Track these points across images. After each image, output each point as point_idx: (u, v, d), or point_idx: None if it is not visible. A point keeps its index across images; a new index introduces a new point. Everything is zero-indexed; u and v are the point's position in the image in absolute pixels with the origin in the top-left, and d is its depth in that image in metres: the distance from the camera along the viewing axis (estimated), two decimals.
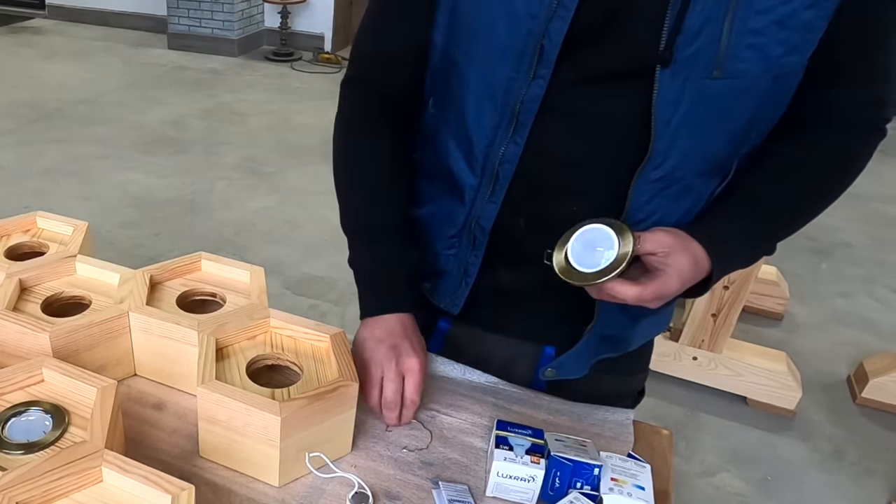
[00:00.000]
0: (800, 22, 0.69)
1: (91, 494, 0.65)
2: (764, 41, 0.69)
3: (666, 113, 0.72)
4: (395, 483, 0.79)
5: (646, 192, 0.77)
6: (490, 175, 0.82)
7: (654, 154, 0.75)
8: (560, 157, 0.79)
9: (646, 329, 0.94)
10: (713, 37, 0.68)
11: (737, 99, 0.73)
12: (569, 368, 0.92)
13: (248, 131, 4.30)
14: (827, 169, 0.82)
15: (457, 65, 0.81)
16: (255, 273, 0.97)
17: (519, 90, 0.76)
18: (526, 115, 0.77)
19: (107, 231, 3.10)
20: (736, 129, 0.76)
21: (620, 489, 0.74)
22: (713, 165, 0.79)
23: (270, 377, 0.83)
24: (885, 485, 2.06)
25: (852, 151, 0.82)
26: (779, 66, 0.71)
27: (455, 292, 0.92)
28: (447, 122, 0.86)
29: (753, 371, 2.27)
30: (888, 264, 3.25)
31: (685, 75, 0.71)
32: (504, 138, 0.79)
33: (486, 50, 0.77)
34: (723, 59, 0.69)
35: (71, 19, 6.62)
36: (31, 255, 1.00)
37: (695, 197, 0.80)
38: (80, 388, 0.76)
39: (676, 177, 0.77)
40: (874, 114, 0.80)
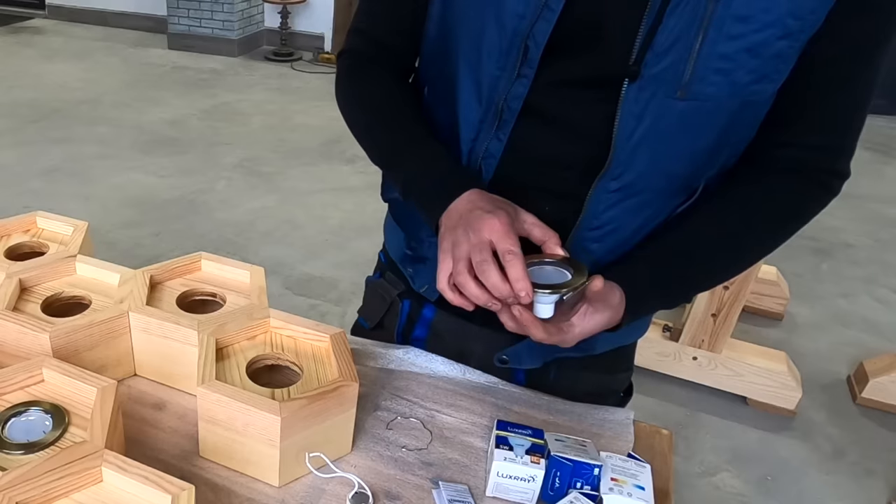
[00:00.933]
0: (772, 51, 0.68)
1: (91, 494, 0.65)
2: (732, 67, 0.68)
3: (628, 127, 0.73)
4: (395, 483, 0.79)
5: (603, 202, 0.78)
6: (474, 169, 0.83)
7: (612, 165, 0.75)
8: (536, 157, 0.81)
9: (612, 335, 0.90)
10: (681, 57, 0.68)
11: (701, 121, 0.73)
12: (522, 358, 0.92)
13: (248, 131, 4.30)
14: (769, 225, 0.81)
15: (448, 57, 0.82)
16: (255, 273, 0.97)
17: (504, 88, 0.77)
18: (509, 113, 0.78)
19: (107, 231, 3.10)
20: (699, 151, 0.76)
21: (620, 489, 0.74)
22: (675, 183, 0.79)
23: (270, 377, 0.83)
24: (885, 485, 2.06)
25: (798, 207, 0.81)
26: (747, 92, 0.71)
27: (434, 279, 0.90)
28: (438, 113, 0.87)
29: (753, 371, 2.27)
30: (889, 265, 3.25)
31: (651, 92, 0.71)
32: (488, 134, 0.81)
33: (475, 45, 0.78)
34: (689, 80, 0.69)
35: (71, 19, 6.62)
36: (31, 255, 1.00)
37: (653, 211, 0.80)
38: (80, 388, 0.76)
39: (635, 190, 0.77)
40: (829, 163, 0.79)
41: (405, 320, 1.02)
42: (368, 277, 1.09)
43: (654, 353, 2.36)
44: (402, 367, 0.97)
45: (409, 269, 0.97)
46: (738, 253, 0.82)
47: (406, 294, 1.00)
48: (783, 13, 0.66)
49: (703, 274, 0.83)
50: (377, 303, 1.05)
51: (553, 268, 0.75)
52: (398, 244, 0.99)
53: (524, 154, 0.81)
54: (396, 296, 1.01)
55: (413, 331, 1.02)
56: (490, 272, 0.69)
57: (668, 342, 2.34)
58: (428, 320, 1.01)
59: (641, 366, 2.40)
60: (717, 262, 0.82)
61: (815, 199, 0.81)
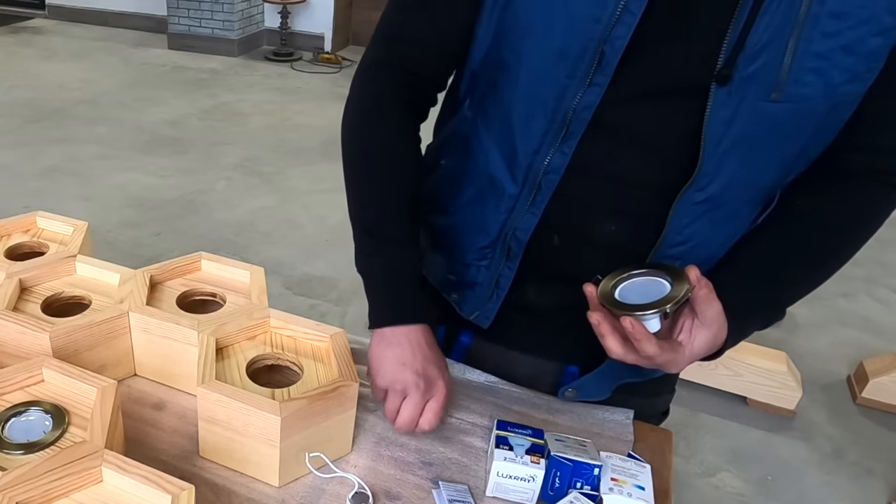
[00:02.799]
0: (866, 49, 0.65)
1: (91, 494, 0.65)
2: (827, 66, 0.65)
3: (717, 133, 0.70)
4: (395, 483, 0.79)
5: (687, 215, 0.75)
6: (532, 184, 0.79)
7: (700, 175, 0.72)
8: (603, 173, 0.76)
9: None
10: (776, 57, 0.65)
11: (792, 125, 0.70)
12: (589, 390, 0.90)
13: (248, 131, 4.30)
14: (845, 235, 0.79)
15: (504, 65, 0.77)
16: (255, 273, 0.97)
17: (572, 97, 0.72)
18: (577, 125, 0.74)
19: (107, 231, 3.10)
20: (788, 157, 0.73)
21: (620, 489, 0.74)
22: (760, 192, 0.76)
23: (270, 377, 0.83)
24: (885, 485, 2.06)
25: (871, 213, 0.78)
26: (839, 93, 0.68)
27: (485, 305, 0.89)
28: (489, 126, 0.81)
29: (753, 371, 2.27)
30: (889, 265, 3.25)
31: (742, 95, 0.68)
32: (551, 147, 0.76)
33: (540, 51, 0.73)
34: (783, 81, 0.66)
35: (71, 19, 6.62)
36: (31, 255, 1.00)
37: (738, 223, 0.78)
38: (80, 388, 0.76)
39: (721, 201, 0.74)
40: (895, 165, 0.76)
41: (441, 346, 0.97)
42: None
43: None
44: None
45: (453, 294, 0.93)
46: (821, 266, 0.80)
47: (442, 319, 0.97)
48: (880, 9, 0.63)
49: (791, 291, 0.80)
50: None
51: (646, 278, 0.71)
52: (438, 268, 0.93)
53: (591, 170, 0.76)
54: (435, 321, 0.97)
55: (448, 355, 0.98)
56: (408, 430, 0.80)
57: None
58: (465, 346, 0.99)
59: None
60: (803, 278, 0.80)
61: (887, 202, 0.78)
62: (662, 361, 0.70)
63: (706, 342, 0.71)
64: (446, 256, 0.91)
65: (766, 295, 0.78)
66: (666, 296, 0.69)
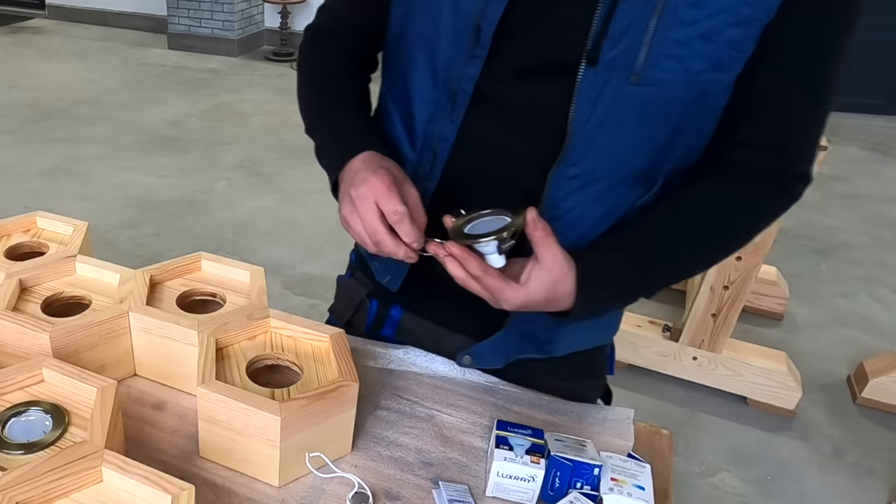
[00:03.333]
0: (725, 38, 0.68)
1: (91, 494, 0.65)
2: (686, 53, 0.69)
3: (584, 112, 0.73)
4: (395, 483, 0.79)
5: (562, 189, 0.78)
6: (429, 152, 0.83)
7: (570, 151, 0.75)
8: (489, 146, 0.81)
9: (575, 336, 0.92)
10: (636, 42, 0.69)
11: (656, 108, 0.73)
12: (485, 358, 0.92)
13: (248, 131, 4.30)
14: (725, 224, 0.80)
15: (406, 38, 0.84)
16: (255, 273, 0.97)
17: (457, 68, 0.78)
18: (462, 96, 0.79)
19: (107, 231, 3.10)
20: (656, 141, 0.75)
21: (620, 489, 0.74)
22: (632, 174, 0.78)
23: (270, 377, 0.83)
24: (885, 485, 2.06)
25: (757, 209, 0.80)
26: (701, 81, 0.70)
27: (396, 270, 0.92)
28: (394, 96, 0.87)
29: (753, 371, 2.27)
30: (888, 265, 3.25)
31: (607, 77, 0.71)
32: (442, 115, 0.81)
33: (431, 25, 0.79)
34: (643, 65, 0.70)
35: (71, 19, 6.62)
36: (31, 255, 1.00)
37: (612, 203, 0.79)
38: (80, 388, 0.76)
39: (594, 177, 0.77)
40: (787, 165, 0.77)
41: (373, 320, 1.03)
42: (339, 276, 1.10)
43: (654, 353, 2.36)
44: (402, 367, 0.97)
45: (375, 262, 0.97)
46: (694, 250, 0.80)
47: (374, 294, 1.01)
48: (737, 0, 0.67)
49: (657, 269, 0.80)
50: (346, 302, 1.06)
51: (494, 217, 0.75)
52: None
53: (478, 142, 0.81)
54: (365, 295, 1.02)
55: (381, 330, 1.02)
56: (383, 243, 0.76)
57: (668, 342, 2.34)
58: (395, 320, 1.01)
59: (641, 366, 2.40)
60: (672, 258, 0.80)
61: (774, 201, 0.80)
62: (490, 286, 0.72)
63: (543, 285, 0.72)
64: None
65: (628, 262, 0.77)
66: (498, 228, 0.73)
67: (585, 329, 0.90)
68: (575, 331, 0.90)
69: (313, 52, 0.94)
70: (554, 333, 0.90)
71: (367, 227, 0.76)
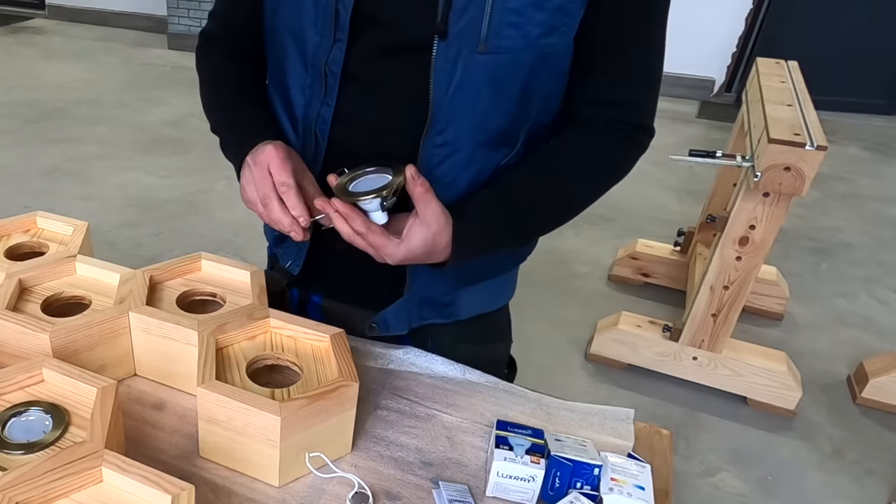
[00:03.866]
0: (554, 5, 0.75)
1: (91, 494, 0.65)
2: (522, 20, 0.75)
3: (443, 83, 0.79)
4: (395, 483, 0.79)
5: (433, 157, 0.83)
6: (310, 136, 0.89)
7: (434, 121, 0.81)
8: (364, 123, 0.86)
9: (473, 299, 0.98)
10: (478, 13, 0.75)
11: (505, 73, 0.79)
12: (389, 325, 0.96)
13: None
14: (582, 172, 0.87)
15: (277, 31, 0.88)
16: (255, 273, 0.97)
17: (324, 53, 0.83)
18: (333, 78, 0.84)
19: (107, 231, 3.10)
20: (510, 103, 0.81)
21: (620, 489, 0.74)
22: (493, 136, 0.83)
23: (270, 377, 0.83)
24: (885, 485, 2.06)
25: (608, 157, 0.88)
26: (540, 45, 0.78)
27: (297, 255, 0.97)
28: (274, 84, 0.93)
29: (753, 371, 2.27)
30: (888, 264, 3.25)
31: (458, 48, 0.77)
32: (318, 100, 0.86)
33: (296, 15, 0.84)
34: (486, 35, 0.76)
35: (71, 19, 6.62)
36: (31, 255, 1.00)
37: (479, 166, 0.85)
38: (80, 388, 0.76)
39: (458, 145, 0.83)
40: (629, 118, 0.86)
41: (297, 308, 1.06)
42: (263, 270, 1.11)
43: (654, 353, 2.36)
44: (402, 367, 0.97)
45: (278, 249, 1.01)
46: (558, 199, 0.88)
47: (293, 283, 1.04)
48: None
49: (527, 218, 0.86)
50: (269, 295, 1.06)
51: (377, 175, 0.79)
52: (269, 228, 1.02)
53: (353, 120, 0.86)
54: (286, 285, 1.05)
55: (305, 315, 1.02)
56: (271, 208, 0.81)
57: (668, 342, 2.34)
58: (318, 306, 1.05)
59: (641, 366, 2.40)
60: (540, 207, 0.87)
61: (623, 150, 0.88)
62: (374, 242, 0.77)
63: (423, 240, 0.77)
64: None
65: (497, 209, 0.84)
66: (381, 186, 0.77)
67: (483, 292, 0.98)
68: (473, 294, 0.97)
69: (207, 56, 1.01)
70: (453, 296, 0.95)
71: (259, 192, 0.81)
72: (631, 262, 2.91)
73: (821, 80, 3.18)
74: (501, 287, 1.03)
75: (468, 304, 0.98)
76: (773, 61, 2.60)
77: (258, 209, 0.83)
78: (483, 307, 1.01)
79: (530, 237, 0.92)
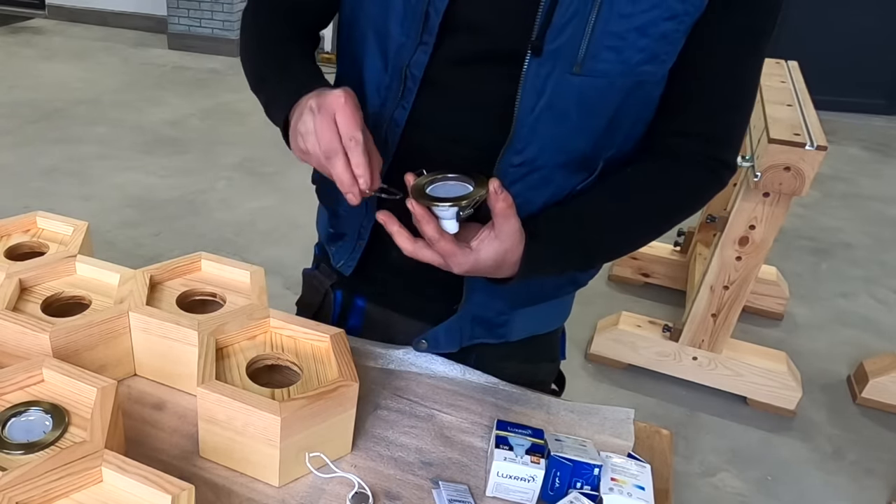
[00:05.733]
0: (659, 32, 0.72)
1: (91, 494, 0.65)
2: (623, 45, 0.72)
3: (530, 101, 0.75)
4: (395, 483, 0.79)
5: (507, 176, 0.79)
6: (380, 138, 0.84)
7: (515, 139, 0.78)
8: (440, 131, 0.82)
9: (528, 321, 0.96)
10: (577, 33, 0.72)
11: (596, 97, 0.76)
12: (440, 342, 0.94)
13: (248, 131, 4.30)
14: (659, 203, 0.84)
15: (358, 23, 0.84)
16: (255, 273, 0.97)
17: (407, 54, 0.79)
18: (412, 81, 0.80)
19: (107, 231, 3.10)
20: (597, 128, 0.78)
21: (620, 489, 0.74)
22: (574, 160, 0.80)
23: (270, 377, 0.83)
24: (885, 485, 2.06)
25: (687, 190, 0.85)
26: (638, 72, 0.74)
27: (350, 254, 0.95)
28: (348, 81, 0.86)
29: (753, 371, 2.27)
30: (888, 264, 3.25)
31: (551, 67, 0.74)
32: (394, 101, 0.82)
33: (382, 11, 0.80)
34: (584, 56, 0.72)
35: (71, 19, 6.62)
36: (31, 255, 1.00)
37: (555, 189, 0.82)
38: (80, 388, 0.76)
39: (537, 165, 0.79)
40: (714, 153, 0.82)
41: (339, 311, 1.04)
42: (305, 269, 1.11)
43: (654, 353, 2.36)
44: (402, 367, 0.97)
45: (332, 247, 0.98)
46: (633, 226, 0.85)
47: (338, 284, 1.02)
48: None
49: (599, 245, 0.84)
50: (312, 294, 1.07)
51: (456, 182, 0.76)
52: (324, 224, 1.01)
53: (428, 126, 0.82)
54: (329, 286, 1.03)
55: (348, 320, 1.04)
56: (335, 162, 0.70)
57: (668, 342, 2.34)
58: (361, 309, 1.03)
59: (641, 366, 2.40)
60: (613, 230, 0.84)
61: (704, 184, 0.85)
62: (443, 250, 0.71)
63: (495, 253, 0.73)
64: (328, 209, 0.98)
65: (571, 233, 0.81)
66: (461, 195, 0.73)
67: (538, 314, 0.95)
68: (527, 316, 0.94)
69: (259, 15, 0.92)
70: (507, 317, 0.93)
71: (322, 142, 0.70)
72: (631, 262, 2.91)
73: (821, 80, 3.18)
74: (557, 309, 1.00)
75: (521, 325, 0.95)
76: (773, 61, 2.60)
77: (317, 162, 0.73)
78: (535, 329, 0.98)
79: (597, 263, 0.88)
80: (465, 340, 0.94)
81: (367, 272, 0.95)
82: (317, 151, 0.71)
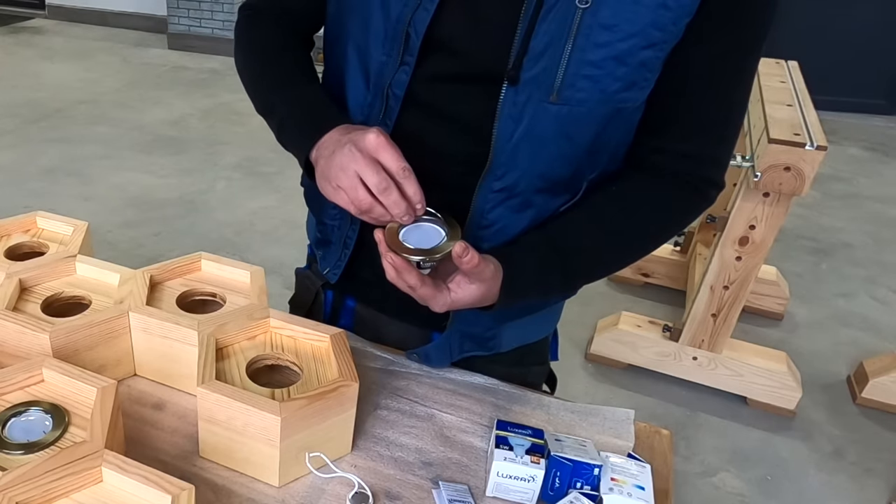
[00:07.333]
0: (637, 60, 0.70)
1: (91, 494, 0.65)
2: (601, 74, 0.71)
3: (507, 129, 0.75)
4: (395, 483, 0.79)
5: (488, 201, 0.79)
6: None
7: (493, 165, 0.77)
8: (423, 148, 0.80)
9: (518, 332, 0.96)
10: (553, 62, 0.70)
11: (575, 125, 0.74)
12: (431, 359, 0.95)
13: (248, 131, 4.30)
14: (642, 223, 0.83)
15: (340, 41, 0.84)
16: (255, 273, 0.97)
17: (389, 74, 0.79)
18: (394, 100, 0.80)
19: (107, 231, 3.10)
20: (577, 154, 0.77)
21: (620, 489, 0.74)
22: (555, 184, 0.80)
23: (270, 377, 0.83)
24: (885, 485, 2.06)
25: (672, 209, 0.84)
26: (616, 100, 0.73)
27: (336, 262, 0.95)
28: (331, 94, 0.87)
29: (753, 371, 2.27)
30: (888, 265, 3.25)
31: (527, 95, 0.72)
32: (376, 119, 0.82)
33: (363, 30, 0.80)
34: (560, 85, 0.71)
35: (71, 19, 6.62)
36: (31, 255, 1.00)
37: (536, 211, 0.81)
38: (80, 388, 0.76)
39: (518, 191, 0.79)
40: (701, 172, 0.81)
41: (330, 310, 1.04)
42: (298, 268, 1.11)
43: (654, 353, 2.36)
44: (402, 368, 0.97)
45: (319, 251, 0.99)
46: (615, 247, 0.84)
47: (329, 284, 1.02)
48: (647, 24, 0.69)
49: (579, 268, 0.82)
50: (304, 293, 1.07)
51: (431, 225, 0.76)
52: (312, 228, 1.01)
53: (411, 144, 0.80)
54: (321, 286, 1.03)
55: (339, 320, 1.04)
56: (389, 193, 0.71)
57: (668, 342, 2.34)
58: (351, 309, 1.03)
59: (641, 366, 2.40)
60: (594, 253, 0.83)
61: (688, 203, 0.83)
62: (423, 295, 0.73)
63: (471, 294, 0.74)
64: (315, 216, 0.98)
65: (550, 262, 0.79)
66: (431, 248, 0.74)
67: (527, 325, 0.95)
68: (516, 328, 0.94)
69: (251, 29, 0.93)
70: (496, 331, 0.93)
71: (371, 179, 0.71)
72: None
73: (821, 80, 3.19)
74: (546, 318, 1.00)
75: (511, 337, 0.96)
76: (773, 61, 2.60)
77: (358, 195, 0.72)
78: (525, 339, 0.99)
79: (581, 285, 0.87)
80: (456, 355, 0.95)
81: (356, 274, 0.95)
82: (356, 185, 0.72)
